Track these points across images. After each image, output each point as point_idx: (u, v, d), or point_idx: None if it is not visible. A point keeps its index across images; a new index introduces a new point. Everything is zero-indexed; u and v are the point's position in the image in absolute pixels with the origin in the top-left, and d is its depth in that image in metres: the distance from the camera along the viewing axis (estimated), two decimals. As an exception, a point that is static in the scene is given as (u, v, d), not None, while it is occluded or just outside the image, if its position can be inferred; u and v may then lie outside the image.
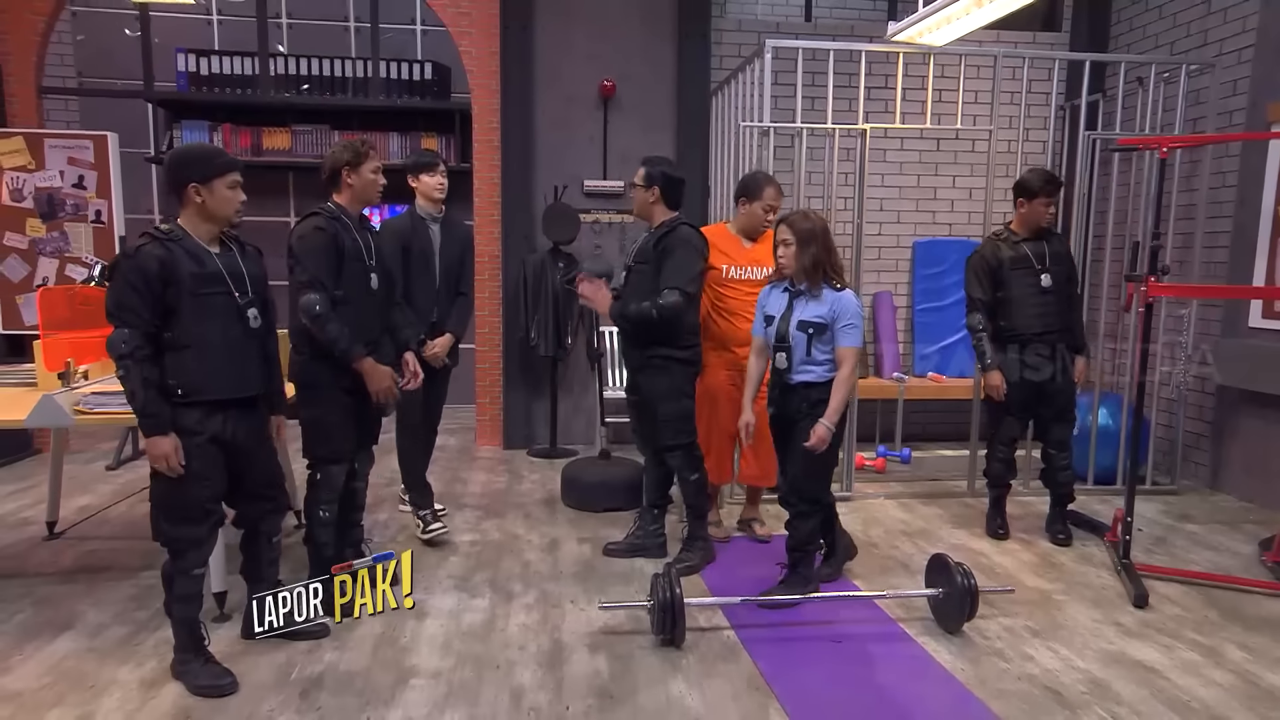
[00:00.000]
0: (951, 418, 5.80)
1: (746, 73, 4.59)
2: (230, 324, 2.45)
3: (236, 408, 2.51)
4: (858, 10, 6.86)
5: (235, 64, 6.05)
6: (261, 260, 2.63)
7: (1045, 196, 3.76)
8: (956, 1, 3.48)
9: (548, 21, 5.30)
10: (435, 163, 3.71)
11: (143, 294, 2.31)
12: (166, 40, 6.20)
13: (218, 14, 6.59)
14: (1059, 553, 3.75)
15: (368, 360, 2.93)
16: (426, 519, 3.74)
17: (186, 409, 2.40)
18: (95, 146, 5.14)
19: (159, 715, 2.35)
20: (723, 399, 3.65)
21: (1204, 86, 4.77)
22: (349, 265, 2.93)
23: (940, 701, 2.50)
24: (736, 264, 3.64)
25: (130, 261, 2.32)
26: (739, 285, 3.63)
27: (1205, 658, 2.78)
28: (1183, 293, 3.51)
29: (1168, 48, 5.17)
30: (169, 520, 2.45)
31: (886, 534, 3.98)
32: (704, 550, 3.52)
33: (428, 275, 3.68)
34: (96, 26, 6.51)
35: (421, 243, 3.66)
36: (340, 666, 2.63)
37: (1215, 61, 4.69)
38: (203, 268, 2.40)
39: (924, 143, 5.72)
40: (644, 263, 3.37)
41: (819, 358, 2.99)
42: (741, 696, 2.50)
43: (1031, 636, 2.91)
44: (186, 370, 2.39)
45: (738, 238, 3.69)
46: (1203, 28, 4.93)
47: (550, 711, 2.40)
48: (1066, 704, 2.48)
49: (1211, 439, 4.78)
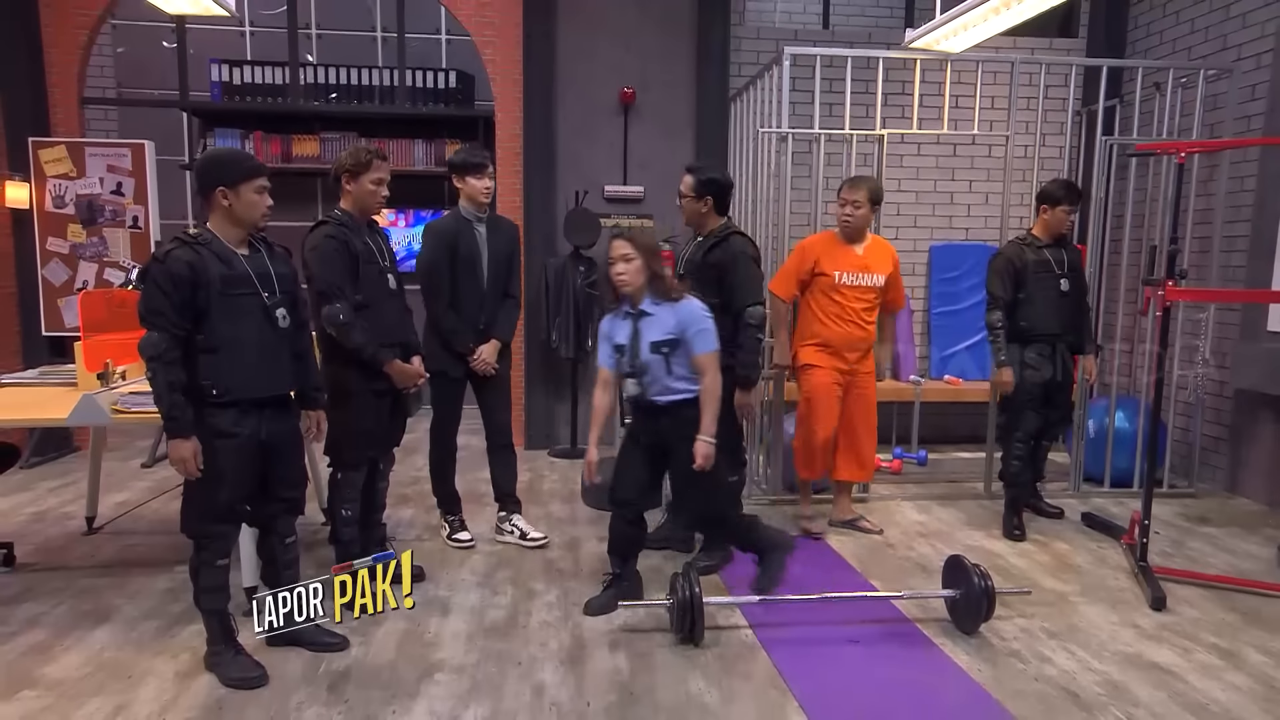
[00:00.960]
0: (968, 420, 5.76)
1: (765, 79, 4.58)
2: (259, 324, 2.45)
3: (270, 408, 2.52)
4: (875, 18, 6.83)
5: (266, 74, 6.13)
6: (290, 260, 2.64)
7: (1068, 205, 3.84)
8: (974, 9, 3.46)
9: (569, 30, 5.32)
10: (485, 164, 3.48)
11: (171, 298, 2.31)
12: (201, 51, 6.30)
13: (250, 25, 6.68)
14: (1076, 554, 3.71)
15: (395, 362, 2.96)
16: (454, 524, 3.70)
17: (221, 410, 2.41)
18: (133, 154, 5.22)
19: (193, 705, 2.39)
20: (823, 399, 3.79)
21: (1222, 91, 4.70)
22: (364, 269, 2.96)
23: (957, 702, 2.48)
24: (846, 270, 3.73)
25: (159, 266, 2.33)
26: (848, 291, 3.73)
27: (1224, 661, 2.74)
28: (1200, 297, 3.47)
29: (1185, 53, 5.09)
30: (199, 517, 2.47)
31: (903, 535, 3.95)
32: (724, 552, 3.51)
33: (474, 279, 3.48)
34: (135, 39, 6.63)
35: (468, 245, 3.46)
36: (366, 661, 2.65)
37: (1233, 66, 4.62)
38: (231, 269, 2.40)
39: (941, 148, 5.68)
40: (697, 274, 3.31)
41: (680, 373, 2.87)
42: (760, 694, 2.49)
43: (1048, 638, 2.88)
44: (220, 371, 2.39)
45: (849, 245, 3.77)
46: (1221, 32, 4.86)
47: (571, 707, 2.41)
48: (1083, 705, 2.45)
49: (1230, 442, 4.70)
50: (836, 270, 3.74)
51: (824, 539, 3.87)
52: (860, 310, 3.79)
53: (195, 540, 2.50)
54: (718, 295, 3.24)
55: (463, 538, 3.65)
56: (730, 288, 3.27)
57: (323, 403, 2.79)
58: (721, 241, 3.31)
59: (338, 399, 2.95)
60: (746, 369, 3.30)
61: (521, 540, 3.69)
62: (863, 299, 3.78)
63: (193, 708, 2.38)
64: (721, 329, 3.05)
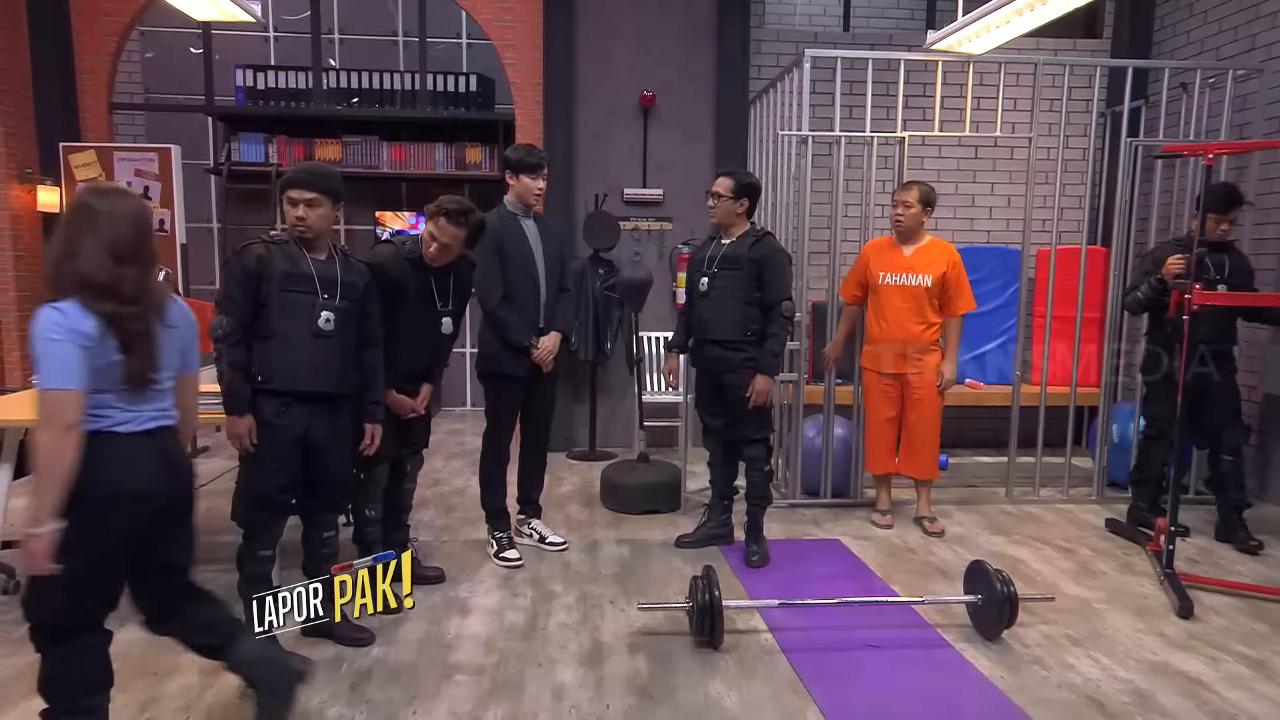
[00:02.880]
0: (989, 424, 5.69)
1: (785, 82, 4.57)
2: (309, 322, 2.58)
3: (315, 404, 2.60)
4: (896, 19, 6.79)
5: (290, 78, 6.19)
6: (365, 273, 2.75)
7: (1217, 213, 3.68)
8: (996, 10, 3.44)
9: (589, 34, 5.34)
10: (541, 164, 3.41)
11: (240, 285, 2.51)
12: (226, 57, 6.38)
13: (274, 31, 6.76)
14: (1099, 560, 3.67)
15: (390, 392, 3.00)
16: (501, 542, 3.54)
17: (265, 398, 2.55)
18: (159, 158, 5.29)
19: (218, 701, 2.41)
20: (871, 399, 4.09)
21: (1252, 92, 4.63)
22: (412, 304, 3.01)
23: (978, 708, 2.45)
24: (890, 271, 3.93)
25: (235, 258, 2.55)
26: (890, 291, 3.92)
27: (1254, 671, 2.69)
28: (1227, 300, 3.41)
29: (1213, 53, 5.02)
30: (248, 505, 2.63)
31: (923, 540, 3.92)
32: (764, 544, 3.62)
33: (529, 275, 3.41)
34: (162, 45, 6.72)
35: (516, 241, 3.39)
36: (388, 661, 2.67)
37: (1263, 66, 4.55)
38: (295, 269, 2.56)
39: (963, 150, 5.64)
40: (736, 269, 3.43)
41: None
42: (780, 698, 2.48)
43: (1072, 645, 2.84)
44: (267, 359, 2.54)
45: (898, 247, 3.93)
46: (1250, 32, 4.78)
47: (590, 709, 2.41)
48: (1109, 714, 2.42)
49: (1258, 447, 4.62)
50: (881, 271, 3.94)
51: (841, 541, 3.85)
52: (903, 310, 3.89)
53: (243, 527, 2.66)
54: (758, 289, 3.42)
55: (510, 556, 3.49)
56: (766, 282, 3.41)
57: (378, 416, 2.83)
58: (762, 239, 3.47)
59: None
60: (769, 356, 3.42)
61: (540, 544, 3.69)
62: (905, 299, 3.89)
63: (218, 703, 2.40)
64: (752, 321, 3.42)
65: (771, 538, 3.89)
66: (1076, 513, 4.34)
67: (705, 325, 3.52)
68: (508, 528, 3.61)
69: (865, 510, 4.28)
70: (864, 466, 4.25)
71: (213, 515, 4.08)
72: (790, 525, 4.10)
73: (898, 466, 4.13)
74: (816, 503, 4.40)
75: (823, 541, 3.87)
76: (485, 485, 3.57)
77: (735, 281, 3.43)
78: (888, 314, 3.93)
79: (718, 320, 3.47)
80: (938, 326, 3.95)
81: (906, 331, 3.90)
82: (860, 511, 4.29)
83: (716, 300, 3.46)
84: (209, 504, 4.27)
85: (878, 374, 4.01)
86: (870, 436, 4.14)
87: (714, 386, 3.56)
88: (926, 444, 4.04)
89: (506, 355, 3.39)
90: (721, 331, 3.46)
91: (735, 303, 3.43)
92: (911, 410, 4.00)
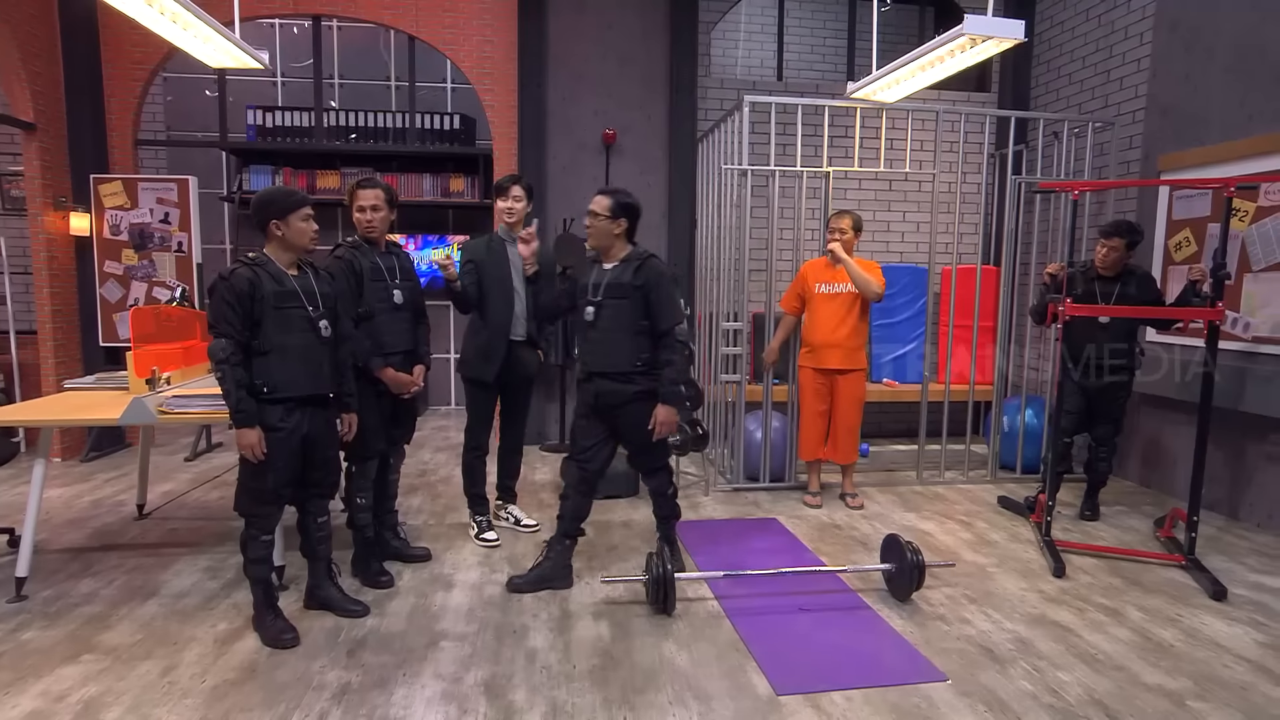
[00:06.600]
0: (903, 417, 5.82)
1: (727, 123, 4.60)
2: (304, 333, 2.50)
3: (312, 406, 2.55)
4: (822, 72, 6.89)
5: (295, 117, 6.07)
6: (333, 282, 2.68)
7: (1103, 238, 3.66)
8: (904, 66, 3.50)
9: (558, 80, 5.33)
10: (506, 187, 3.31)
11: (235, 308, 2.38)
12: (239, 99, 6.25)
13: (281, 76, 6.64)
14: (993, 531, 3.76)
15: (388, 370, 2.97)
16: (481, 525, 3.51)
17: (270, 406, 2.46)
18: (179, 188, 5.16)
19: (230, 667, 2.37)
20: (804, 394, 4.16)
21: (1106, 140, 4.80)
22: (369, 285, 2.94)
23: (893, 660, 2.50)
24: (824, 282, 4.05)
25: (225, 282, 2.40)
26: (823, 298, 4.05)
27: (1110, 618, 2.79)
28: (1091, 312, 3.54)
29: (1077, 108, 5.19)
30: (249, 498, 2.53)
31: (848, 517, 3.98)
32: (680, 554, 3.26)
33: (504, 293, 3.32)
34: (182, 89, 6.57)
35: (496, 263, 3.32)
36: (381, 630, 2.64)
37: (1115, 120, 4.72)
38: (282, 286, 2.47)
39: (878, 183, 5.73)
40: (622, 297, 2.89)
41: None
42: (724, 656, 2.50)
43: (969, 603, 2.92)
44: (270, 372, 2.45)
45: (834, 266, 4.02)
46: (1104, 92, 4.97)
47: (560, 669, 2.40)
48: (997, 659, 2.49)
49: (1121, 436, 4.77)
50: (817, 283, 4.06)
51: (778, 520, 3.89)
52: (833, 312, 4.01)
53: (245, 517, 2.55)
54: (645, 317, 2.89)
55: (489, 537, 3.47)
56: (655, 309, 2.88)
57: (355, 406, 2.79)
58: (645, 263, 2.90)
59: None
60: (669, 385, 2.87)
61: (516, 526, 3.67)
62: (834, 304, 4.02)
63: (230, 669, 2.36)
64: (642, 351, 2.89)
65: (717, 517, 3.93)
66: (975, 491, 4.44)
67: (593, 357, 2.96)
68: (487, 512, 3.58)
69: (799, 493, 4.33)
70: (798, 454, 4.31)
71: (227, 503, 4.01)
72: (734, 507, 4.13)
73: (826, 453, 4.19)
74: (757, 486, 4.45)
75: (762, 520, 3.91)
76: (467, 474, 3.54)
77: (620, 310, 2.88)
78: (821, 318, 4.04)
79: (604, 352, 2.93)
80: (864, 331, 4.07)
81: (837, 334, 4.00)
82: (795, 494, 4.34)
83: (603, 330, 2.92)
84: (223, 493, 4.21)
85: (814, 371, 4.08)
86: (803, 428, 4.19)
87: (605, 420, 3.01)
88: (850, 434, 4.13)
89: (478, 363, 3.37)
90: (610, 363, 2.92)
91: (623, 333, 2.89)
92: (838, 406, 4.08)
